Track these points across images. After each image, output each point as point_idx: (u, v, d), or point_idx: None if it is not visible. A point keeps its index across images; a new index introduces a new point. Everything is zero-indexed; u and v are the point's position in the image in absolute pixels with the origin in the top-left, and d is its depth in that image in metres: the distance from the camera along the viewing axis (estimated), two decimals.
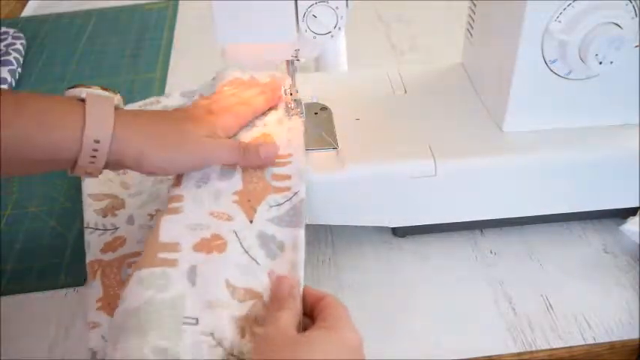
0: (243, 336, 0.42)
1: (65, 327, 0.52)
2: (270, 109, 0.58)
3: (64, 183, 0.67)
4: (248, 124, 0.56)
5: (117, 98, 0.50)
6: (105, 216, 0.60)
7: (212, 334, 0.41)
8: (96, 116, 0.46)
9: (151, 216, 0.59)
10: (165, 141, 0.49)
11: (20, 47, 0.89)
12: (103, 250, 0.56)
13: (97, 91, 0.49)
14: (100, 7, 1.05)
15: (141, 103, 0.75)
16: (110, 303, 0.51)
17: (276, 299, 0.44)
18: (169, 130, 0.50)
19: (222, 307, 0.43)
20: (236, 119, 0.54)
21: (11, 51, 0.87)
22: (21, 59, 0.88)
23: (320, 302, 0.43)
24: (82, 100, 0.47)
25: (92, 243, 0.57)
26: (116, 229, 0.58)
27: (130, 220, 0.59)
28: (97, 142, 0.46)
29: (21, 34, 0.92)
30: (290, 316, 0.42)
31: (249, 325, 0.43)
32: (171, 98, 0.75)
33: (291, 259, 0.47)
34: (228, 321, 0.42)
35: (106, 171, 0.49)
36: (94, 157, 0.47)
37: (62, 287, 0.56)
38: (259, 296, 0.44)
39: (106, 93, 0.49)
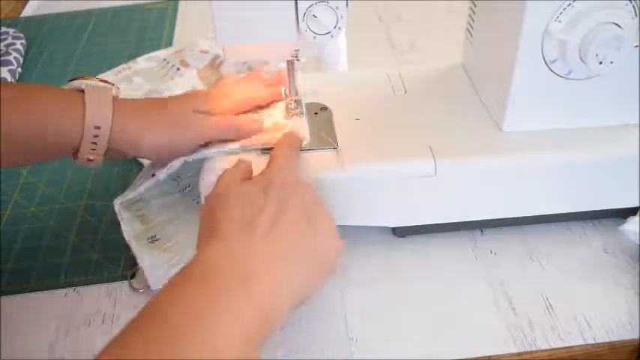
0: None
1: (65, 327, 0.52)
2: (274, 102, 0.60)
3: (65, 183, 0.67)
4: (250, 112, 0.58)
5: (114, 89, 0.52)
6: None
7: None
8: (95, 104, 0.49)
9: None
10: (160, 124, 0.52)
11: (20, 47, 0.89)
12: None
13: (95, 82, 0.52)
14: (100, 7, 1.05)
15: (114, 70, 0.82)
16: None
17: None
18: (162, 114, 0.52)
19: None
20: (233, 104, 0.56)
21: (11, 51, 0.87)
22: (21, 59, 0.88)
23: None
24: (82, 91, 0.50)
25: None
26: None
27: None
28: (98, 128, 0.49)
29: (21, 34, 0.92)
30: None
31: None
32: (139, 62, 0.81)
33: None
34: None
35: None
36: (95, 143, 0.50)
37: (62, 287, 0.56)
38: None
39: (104, 84, 0.52)
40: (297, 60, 0.54)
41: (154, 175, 0.54)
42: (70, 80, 0.52)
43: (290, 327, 0.51)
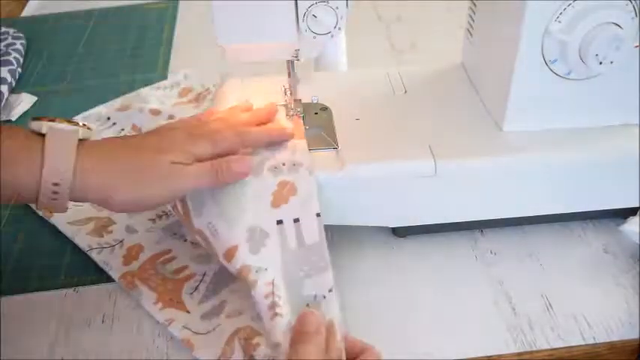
0: None
1: (65, 327, 0.52)
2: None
3: None
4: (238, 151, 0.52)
5: (82, 131, 0.46)
6: (101, 236, 0.59)
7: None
8: (55, 157, 0.44)
9: (153, 220, 0.60)
10: (130, 178, 0.46)
11: (20, 47, 0.89)
12: (125, 263, 0.56)
13: (59, 125, 0.46)
14: (100, 7, 1.05)
15: (124, 97, 0.77)
16: (171, 298, 0.53)
17: (300, 333, 0.44)
18: (133, 165, 0.47)
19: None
20: (214, 146, 0.50)
21: (11, 51, 0.87)
22: (21, 59, 0.88)
23: (362, 353, 0.44)
24: (44, 135, 0.45)
25: (109, 261, 0.56)
26: (122, 241, 0.58)
27: (130, 229, 0.59)
28: (56, 184, 0.44)
29: (21, 34, 0.92)
30: (313, 352, 0.42)
31: None
32: (150, 89, 0.79)
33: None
34: None
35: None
36: (55, 198, 0.45)
37: (62, 287, 0.56)
38: None
39: (70, 127, 0.46)
40: (297, 60, 0.54)
41: None
42: (35, 119, 0.46)
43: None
